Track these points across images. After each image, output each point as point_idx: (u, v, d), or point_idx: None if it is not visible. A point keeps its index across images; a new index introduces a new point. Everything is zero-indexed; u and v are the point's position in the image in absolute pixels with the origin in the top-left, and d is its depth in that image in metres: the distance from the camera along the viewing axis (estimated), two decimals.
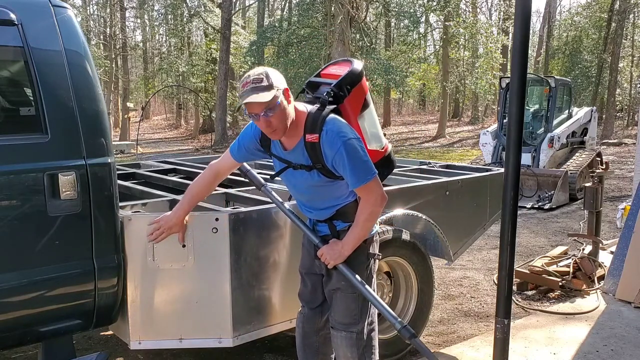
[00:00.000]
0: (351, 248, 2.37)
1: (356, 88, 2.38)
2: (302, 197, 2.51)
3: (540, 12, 44.68)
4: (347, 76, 2.35)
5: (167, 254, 2.60)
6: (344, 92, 2.34)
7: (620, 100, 27.32)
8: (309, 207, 2.50)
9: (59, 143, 2.40)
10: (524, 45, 2.54)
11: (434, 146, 21.54)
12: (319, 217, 2.48)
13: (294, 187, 2.51)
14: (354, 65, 2.40)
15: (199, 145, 22.05)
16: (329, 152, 2.23)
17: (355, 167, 2.23)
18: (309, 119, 2.27)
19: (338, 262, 2.38)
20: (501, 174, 3.37)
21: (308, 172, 2.33)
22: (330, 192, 2.39)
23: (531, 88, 11.01)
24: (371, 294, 2.40)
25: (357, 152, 2.24)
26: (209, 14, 25.13)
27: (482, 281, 5.21)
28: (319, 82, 2.46)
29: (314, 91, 2.45)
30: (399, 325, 2.35)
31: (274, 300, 2.86)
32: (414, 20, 20.85)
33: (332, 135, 2.22)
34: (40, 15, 2.44)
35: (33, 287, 2.37)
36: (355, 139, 2.25)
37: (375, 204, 2.32)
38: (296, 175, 2.39)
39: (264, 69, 2.20)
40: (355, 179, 2.25)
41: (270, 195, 2.66)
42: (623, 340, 3.69)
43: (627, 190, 10.05)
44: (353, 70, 2.38)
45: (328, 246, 2.40)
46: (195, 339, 2.72)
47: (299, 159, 2.33)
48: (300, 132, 2.29)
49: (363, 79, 2.43)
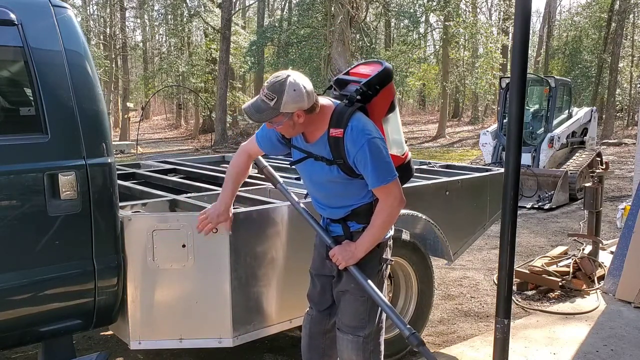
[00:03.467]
0: (365, 250, 2.35)
1: (385, 89, 2.35)
2: (318, 193, 2.48)
3: (540, 12, 44.68)
4: (377, 76, 2.32)
5: (167, 254, 2.60)
6: (372, 91, 2.32)
7: (620, 100, 27.30)
8: (324, 204, 2.47)
9: (59, 143, 2.40)
10: (524, 45, 2.54)
11: (434, 146, 21.54)
12: (333, 215, 2.45)
13: (311, 180, 2.47)
14: (384, 65, 2.37)
15: (199, 145, 22.04)
16: (351, 148, 2.22)
17: (377, 166, 2.21)
18: (334, 113, 2.26)
19: (350, 263, 2.35)
20: (501, 174, 3.37)
21: (328, 167, 2.31)
22: (347, 190, 2.36)
23: (531, 88, 11.01)
24: (381, 298, 2.37)
25: (380, 151, 2.22)
26: (209, 14, 25.13)
27: (482, 281, 5.21)
28: (347, 79, 2.43)
29: (341, 88, 2.43)
30: (408, 332, 2.32)
31: (274, 300, 2.86)
32: (414, 20, 20.82)
33: (356, 132, 2.21)
34: (40, 15, 2.44)
35: (33, 287, 2.37)
36: (379, 139, 2.24)
37: (393, 206, 2.29)
38: (315, 167, 2.36)
39: (289, 82, 2.12)
40: (375, 178, 2.23)
41: (285, 193, 2.64)
42: (623, 340, 3.69)
43: (627, 190, 10.04)
44: (384, 70, 2.35)
45: (341, 247, 2.38)
46: (195, 339, 2.72)
47: (321, 152, 2.32)
48: (324, 126, 2.26)
49: (392, 81, 2.40)
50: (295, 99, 2.13)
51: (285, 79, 2.13)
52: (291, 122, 2.20)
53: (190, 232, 2.59)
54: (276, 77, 2.16)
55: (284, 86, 2.12)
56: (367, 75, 2.35)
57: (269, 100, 2.12)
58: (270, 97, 2.12)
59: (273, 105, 2.12)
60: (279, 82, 2.13)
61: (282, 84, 2.12)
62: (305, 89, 2.15)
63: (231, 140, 20.61)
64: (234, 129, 25.25)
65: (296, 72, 2.21)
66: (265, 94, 2.14)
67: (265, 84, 2.17)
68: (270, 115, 2.16)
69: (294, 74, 2.18)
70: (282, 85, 2.12)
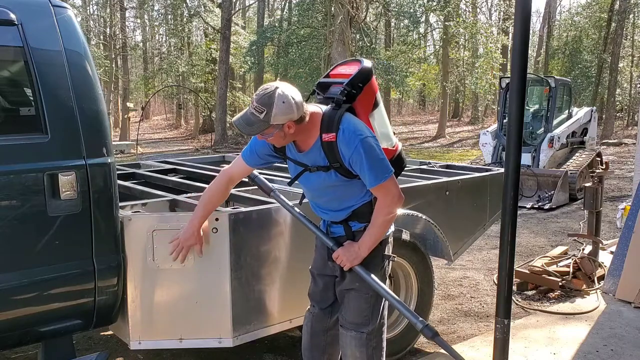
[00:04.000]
0: (368, 249, 2.36)
1: (367, 86, 2.37)
2: (318, 200, 2.49)
3: (540, 12, 44.71)
4: (358, 74, 2.34)
5: (167, 254, 2.59)
6: (356, 89, 2.33)
7: (620, 100, 27.31)
8: (325, 208, 2.48)
9: (59, 143, 2.40)
10: (524, 45, 2.54)
11: (434, 146, 21.54)
12: (335, 218, 2.46)
13: (310, 190, 2.49)
14: (363, 63, 2.39)
15: (199, 146, 22.05)
16: (346, 151, 2.23)
17: (373, 165, 2.23)
18: (324, 118, 2.27)
19: (355, 264, 2.36)
20: (501, 174, 3.37)
21: (325, 173, 2.32)
22: (347, 192, 2.38)
23: (531, 88, 11.01)
24: (390, 294, 2.38)
25: (374, 150, 2.24)
26: (209, 14, 25.14)
27: (482, 281, 5.21)
28: (329, 82, 2.45)
29: (324, 92, 2.44)
30: (421, 325, 2.32)
31: (274, 301, 2.86)
32: (414, 20, 20.84)
33: (348, 134, 2.22)
34: (40, 15, 2.44)
35: (33, 287, 2.37)
36: (371, 137, 2.26)
37: (392, 203, 2.31)
38: (312, 178, 2.38)
39: (278, 94, 2.13)
40: (372, 177, 2.24)
41: (280, 201, 2.63)
42: (623, 340, 3.69)
43: (627, 190, 10.04)
44: (364, 67, 2.37)
45: (344, 248, 2.39)
46: (195, 339, 2.72)
47: (316, 160, 2.32)
48: (316, 133, 2.28)
49: (373, 77, 2.42)
50: (285, 111, 2.13)
51: (273, 91, 2.14)
52: (282, 133, 2.21)
53: None
54: (264, 89, 2.17)
55: (272, 98, 2.12)
56: (348, 75, 2.37)
57: (259, 113, 2.13)
58: (259, 110, 2.12)
59: (263, 118, 2.13)
60: (268, 94, 2.13)
61: (271, 96, 2.13)
62: (294, 99, 2.15)
63: (231, 140, 20.62)
64: (234, 129, 25.22)
65: (284, 83, 2.21)
66: (254, 106, 2.14)
67: (254, 97, 2.17)
68: (261, 128, 2.16)
69: (282, 86, 2.18)
70: (271, 98, 2.12)
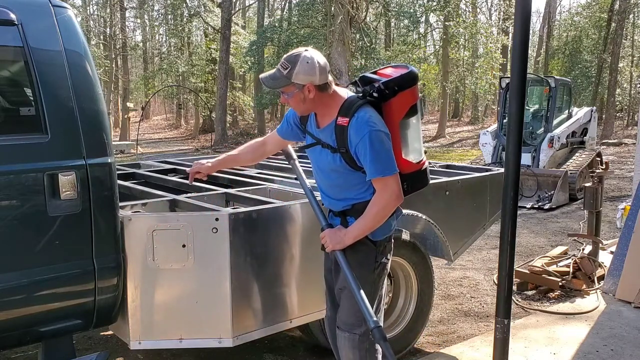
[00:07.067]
0: (353, 238, 2.36)
1: (405, 92, 2.37)
2: (323, 182, 2.53)
3: (540, 12, 44.74)
4: (399, 77, 2.36)
5: (167, 254, 2.60)
6: (390, 91, 2.35)
7: (620, 100, 27.32)
8: (327, 193, 2.52)
9: (59, 143, 2.40)
10: (524, 45, 2.54)
11: (434, 146, 21.54)
12: (333, 206, 2.50)
13: (317, 167, 2.53)
14: (410, 69, 2.41)
15: (199, 145, 22.06)
16: (354, 138, 2.26)
17: (376, 158, 2.24)
18: (345, 103, 2.33)
19: (337, 248, 2.37)
20: (501, 174, 3.37)
21: (332, 155, 2.37)
22: (347, 182, 2.39)
23: (531, 88, 11.01)
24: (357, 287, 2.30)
25: (382, 144, 2.25)
26: (209, 14, 25.17)
27: (482, 281, 5.21)
28: (372, 78, 2.47)
29: (363, 85, 2.47)
30: (373, 325, 2.26)
31: (274, 300, 2.86)
32: (413, 20, 20.86)
33: (360, 122, 2.25)
34: (40, 15, 2.43)
35: (33, 287, 2.37)
36: (383, 132, 2.26)
37: (388, 200, 2.31)
38: (322, 155, 2.43)
39: (304, 55, 2.24)
40: (373, 169, 2.26)
41: (296, 169, 2.74)
42: (623, 340, 3.69)
43: (627, 190, 10.04)
44: (406, 74, 2.38)
45: (331, 230, 2.42)
46: (195, 339, 2.72)
47: (327, 139, 2.38)
48: (334, 113, 2.34)
49: (415, 86, 2.42)
50: (307, 70, 2.23)
51: (301, 52, 2.27)
52: (302, 95, 2.29)
53: (190, 232, 2.59)
54: (295, 50, 2.30)
55: (298, 58, 2.24)
56: (390, 76, 2.40)
57: (283, 69, 2.25)
58: (284, 66, 2.25)
59: (286, 74, 2.24)
60: (295, 54, 2.27)
61: (297, 56, 2.25)
62: (319, 63, 2.25)
63: (231, 140, 20.64)
64: (234, 129, 25.28)
65: (314, 50, 2.31)
66: (281, 63, 2.27)
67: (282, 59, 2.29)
68: (282, 83, 2.27)
69: (312, 50, 2.30)
70: (297, 57, 2.24)
